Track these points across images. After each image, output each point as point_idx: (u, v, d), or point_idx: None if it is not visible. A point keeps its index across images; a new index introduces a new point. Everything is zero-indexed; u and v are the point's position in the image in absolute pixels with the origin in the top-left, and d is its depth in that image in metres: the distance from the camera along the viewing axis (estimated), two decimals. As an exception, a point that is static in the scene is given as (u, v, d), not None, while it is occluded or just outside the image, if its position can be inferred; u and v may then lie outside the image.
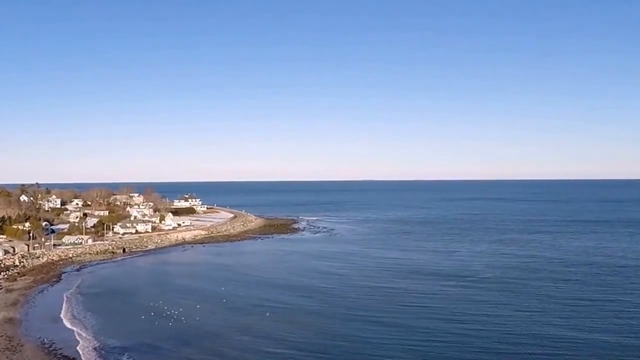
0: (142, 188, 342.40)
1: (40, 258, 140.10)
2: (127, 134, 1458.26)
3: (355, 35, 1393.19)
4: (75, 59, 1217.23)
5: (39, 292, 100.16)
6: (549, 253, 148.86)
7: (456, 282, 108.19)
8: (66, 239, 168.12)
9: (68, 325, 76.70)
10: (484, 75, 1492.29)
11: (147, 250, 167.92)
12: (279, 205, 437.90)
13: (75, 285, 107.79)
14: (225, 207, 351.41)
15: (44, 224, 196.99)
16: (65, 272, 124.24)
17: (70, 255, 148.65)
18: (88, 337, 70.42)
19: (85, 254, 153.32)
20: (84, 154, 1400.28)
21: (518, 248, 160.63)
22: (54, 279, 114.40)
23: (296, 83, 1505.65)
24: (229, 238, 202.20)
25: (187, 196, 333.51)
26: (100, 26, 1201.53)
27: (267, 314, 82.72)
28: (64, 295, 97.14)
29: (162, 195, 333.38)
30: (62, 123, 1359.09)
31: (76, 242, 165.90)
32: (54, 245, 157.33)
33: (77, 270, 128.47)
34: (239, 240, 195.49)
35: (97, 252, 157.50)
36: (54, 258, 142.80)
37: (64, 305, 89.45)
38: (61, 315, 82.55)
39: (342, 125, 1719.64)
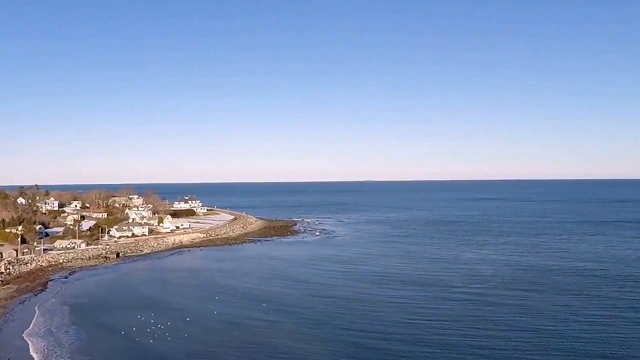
0: (143, 189, 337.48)
1: (28, 264, 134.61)
2: (129, 135, 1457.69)
3: (356, 35, 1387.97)
4: (75, 59, 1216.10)
5: (19, 303, 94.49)
6: (560, 259, 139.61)
7: (461, 295, 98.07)
8: (58, 243, 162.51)
9: (42, 342, 70.66)
10: (484, 75, 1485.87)
11: (142, 255, 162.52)
12: (280, 207, 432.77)
13: (60, 295, 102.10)
14: (226, 208, 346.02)
15: (37, 227, 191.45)
16: (52, 280, 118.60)
17: (61, 261, 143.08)
18: (62, 356, 64.67)
19: (77, 259, 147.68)
20: (86, 155, 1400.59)
21: (527, 253, 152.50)
22: (39, 288, 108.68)
23: (298, 84, 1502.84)
24: (227, 241, 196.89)
25: (187, 198, 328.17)
26: (99, 27, 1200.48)
27: (259, 332, 75.77)
28: (46, 306, 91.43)
29: (163, 196, 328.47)
30: (63, 124, 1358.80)
31: (68, 246, 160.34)
32: (45, 250, 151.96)
33: (66, 277, 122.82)
34: (238, 244, 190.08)
35: (90, 257, 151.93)
36: (43, 264, 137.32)
37: (43, 318, 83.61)
38: (38, 330, 76.65)
39: (344, 126, 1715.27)
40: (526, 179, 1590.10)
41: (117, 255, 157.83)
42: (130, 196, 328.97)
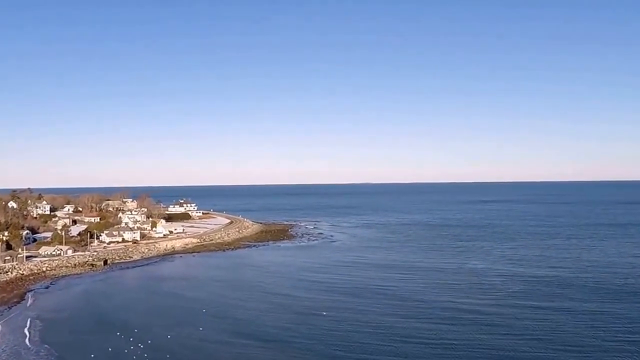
0: (139, 192, 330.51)
1: (9, 273, 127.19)
2: (127, 137, 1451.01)
3: (354, 36, 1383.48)
4: (70, 62, 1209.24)
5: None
6: (573, 269, 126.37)
7: (462, 313, 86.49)
8: (43, 249, 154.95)
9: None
10: (483, 76, 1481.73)
11: (131, 262, 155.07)
12: (278, 209, 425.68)
13: (36, 307, 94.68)
14: (222, 212, 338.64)
15: (24, 232, 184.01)
16: (31, 290, 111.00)
17: (44, 269, 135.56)
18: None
19: (61, 267, 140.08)
20: (85, 158, 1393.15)
21: (536, 261, 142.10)
22: (15, 300, 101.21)
23: (295, 85, 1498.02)
24: (222, 246, 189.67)
25: (182, 201, 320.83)
26: (94, 28, 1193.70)
27: (242, 356, 68.32)
28: (17, 322, 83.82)
29: (158, 200, 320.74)
30: (58, 126, 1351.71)
31: (54, 253, 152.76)
32: (28, 257, 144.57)
33: (46, 287, 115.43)
34: (232, 249, 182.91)
35: (75, 264, 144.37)
36: (24, 272, 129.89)
37: (12, 336, 75.95)
38: (4, 351, 69.32)
39: (342, 128, 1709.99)
40: (525, 181, 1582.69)
41: (105, 262, 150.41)
42: (125, 200, 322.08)
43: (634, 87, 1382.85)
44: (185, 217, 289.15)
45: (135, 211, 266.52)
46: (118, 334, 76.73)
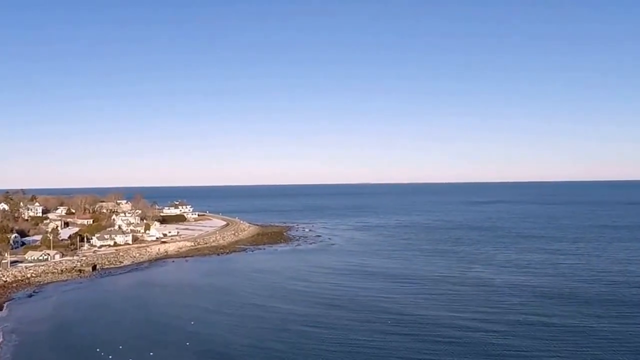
0: (135, 193, 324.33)
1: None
2: (123, 137, 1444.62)
3: (353, 36, 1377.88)
4: (65, 62, 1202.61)
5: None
6: (587, 279, 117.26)
7: (469, 331, 78.03)
8: (29, 254, 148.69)
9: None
10: (485, 76, 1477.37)
11: (121, 267, 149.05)
12: (275, 211, 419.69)
13: (14, 319, 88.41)
14: (218, 213, 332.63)
15: (13, 236, 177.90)
16: (13, 299, 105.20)
17: (29, 276, 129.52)
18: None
19: (47, 273, 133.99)
20: (79, 157, 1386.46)
21: (545, 269, 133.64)
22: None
23: (293, 85, 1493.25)
24: (216, 250, 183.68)
25: (177, 203, 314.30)
26: (94, 28, 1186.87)
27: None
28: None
29: (153, 201, 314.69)
30: (57, 127, 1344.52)
31: (40, 258, 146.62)
32: (14, 262, 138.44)
33: (29, 296, 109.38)
34: (227, 253, 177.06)
35: (62, 270, 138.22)
36: (7, 279, 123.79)
37: (-20, 354, 70.53)
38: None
39: (342, 128, 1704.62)
40: (526, 181, 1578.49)
41: (94, 267, 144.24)
42: (119, 201, 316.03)
43: (634, 87, 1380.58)
44: (180, 219, 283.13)
45: (129, 213, 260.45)
46: (98, 350, 70.83)
